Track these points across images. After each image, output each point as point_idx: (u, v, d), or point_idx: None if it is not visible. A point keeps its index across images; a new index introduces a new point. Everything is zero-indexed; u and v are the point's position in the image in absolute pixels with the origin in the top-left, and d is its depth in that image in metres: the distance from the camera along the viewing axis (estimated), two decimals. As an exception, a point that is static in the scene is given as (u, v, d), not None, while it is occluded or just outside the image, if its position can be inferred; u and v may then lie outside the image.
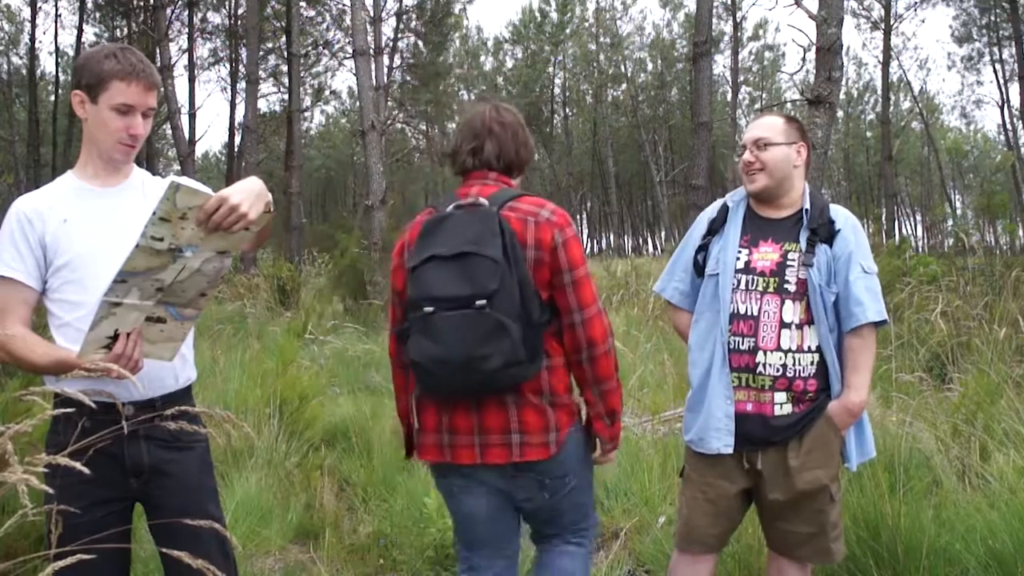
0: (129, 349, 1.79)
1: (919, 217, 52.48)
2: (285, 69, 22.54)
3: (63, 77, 25.44)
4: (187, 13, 22.27)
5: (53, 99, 27.08)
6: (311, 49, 24.80)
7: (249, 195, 1.76)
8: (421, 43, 26.89)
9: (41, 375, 1.95)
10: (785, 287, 2.25)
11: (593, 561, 3.37)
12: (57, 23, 28.78)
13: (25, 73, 28.16)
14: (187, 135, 19.08)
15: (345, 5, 21.82)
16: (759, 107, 42.56)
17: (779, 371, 2.24)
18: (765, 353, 2.24)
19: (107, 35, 24.91)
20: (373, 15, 18.88)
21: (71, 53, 24.84)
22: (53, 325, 1.93)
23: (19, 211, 1.91)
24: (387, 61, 23.42)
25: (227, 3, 24.71)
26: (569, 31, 42.52)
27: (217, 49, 26.39)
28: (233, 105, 24.60)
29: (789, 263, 2.27)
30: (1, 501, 2.86)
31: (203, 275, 1.83)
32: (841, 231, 2.28)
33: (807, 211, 2.32)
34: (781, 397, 2.25)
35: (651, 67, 43.54)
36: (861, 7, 28.98)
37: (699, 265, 2.41)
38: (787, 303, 2.25)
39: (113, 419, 1.77)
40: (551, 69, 43.94)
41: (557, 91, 44.95)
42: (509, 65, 45.71)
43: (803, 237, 2.29)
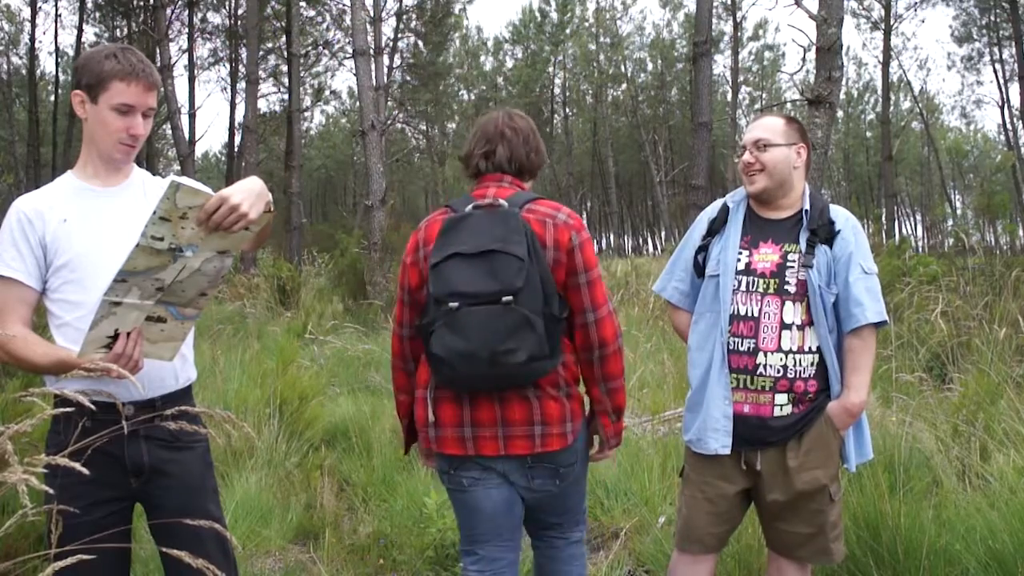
0: (129, 349, 1.79)
1: (919, 217, 52.48)
2: (285, 69, 22.54)
3: (63, 77, 25.44)
4: (187, 13, 22.26)
5: (53, 99, 27.08)
6: (311, 49, 24.79)
7: (249, 195, 1.77)
8: (421, 43, 26.90)
9: (41, 375, 1.95)
10: (785, 288, 2.25)
11: (593, 561, 3.37)
12: (57, 23, 28.86)
13: (25, 73, 28.17)
14: (187, 135, 19.07)
15: (345, 5, 21.80)
16: (759, 107, 42.54)
17: (780, 372, 2.24)
18: (766, 354, 2.24)
19: (107, 35, 24.91)
20: (373, 15, 18.88)
21: (71, 53, 24.85)
22: (53, 325, 1.93)
23: (19, 211, 1.91)
24: (387, 61, 23.43)
25: (227, 3, 24.72)
26: (569, 31, 42.47)
27: (217, 49, 26.41)
28: (233, 105, 24.60)
29: (789, 264, 2.27)
30: (1, 501, 2.86)
31: (203, 275, 1.83)
32: (841, 232, 2.28)
33: (807, 212, 2.31)
34: (782, 398, 2.25)
35: (651, 67, 43.49)
36: (861, 7, 29.00)
37: (699, 266, 2.41)
38: (787, 304, 2.25)
39: (113, 419, 1.78)
40: (551, 69, 43.91)
41: (557, 91, 44.92)
42: (509, 65, 45.68)
43: (803, 238, 2.29)
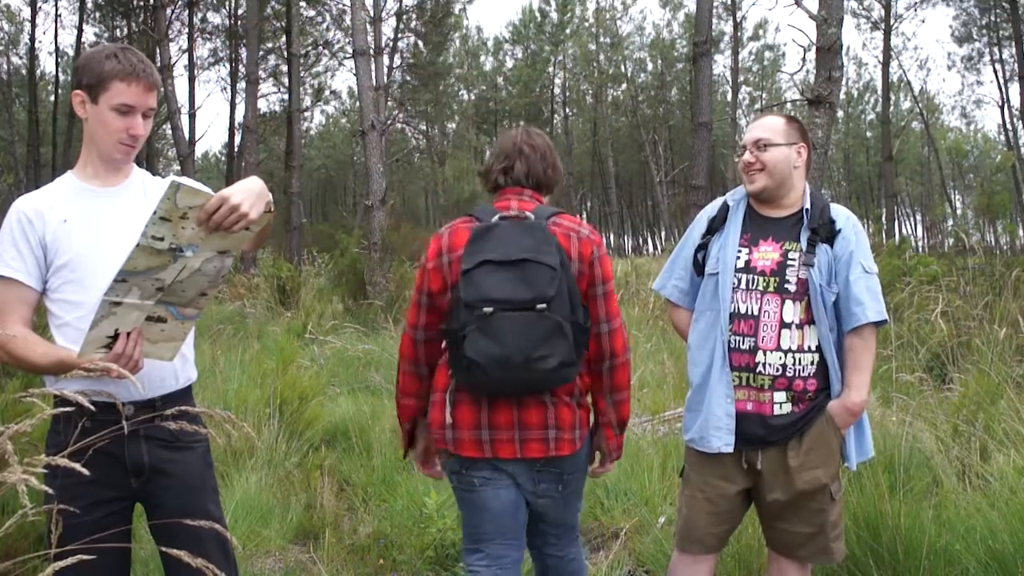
0: (129, 349, 1.79)
1: (919, 217, 52.47)
2: (285, 69, 22.53)
3: (63, 77, 25.45)
4: (187, 13, 22.25)
5: (53, 99, 27.08)
6: (311, 49, 24.78)
7: (250, 195, 1.77)
8: (421, 43, 26.90)
9: (41, 375, 1.95)
10: (785, 287, 2.25)
11: (593, 561, 3.37)
12: (57, 23, 28.90)
13: (25, 73, 28.18)
14: (187, 135, 19.07)
15: (345, 5, 21.80)
16: (759, 107, 42.55)
17: (779, 371, 2.24)
18: (765, 353, 2.24)
19: (107, 35, 24.92)
20: (373, 15, 18.88)
21: (71, 53, 24.86)
22: (53, 325, 1.93)
23: (19, 211, 1.91)
24: (387, 61, 23.43)
25: (227, 3, 24.73)
26: (569, 31, 42.50)
27: (217, 49, 26.43)
28: (233, 105, 24.61)
29: (790, 263, 2.27)
30: (1, 501, 2.86)
31: (203, 275, 1.83)
32: (842, 231, 2.28)
33: (808, 211, 2.31)
34: (781, 397, 2.25)
35: (651, 67, 43.49)
36: (861, 7, 29.02)
37: (699, 264, 2.41)
38: (787, 303, 2.25)
39: (113, 419, 1.78)
40: (551, 69, 43.94)
41: (557, 91, 44.95)
42: (509, 65, 45.72)
43: (804, 237, 2.29)
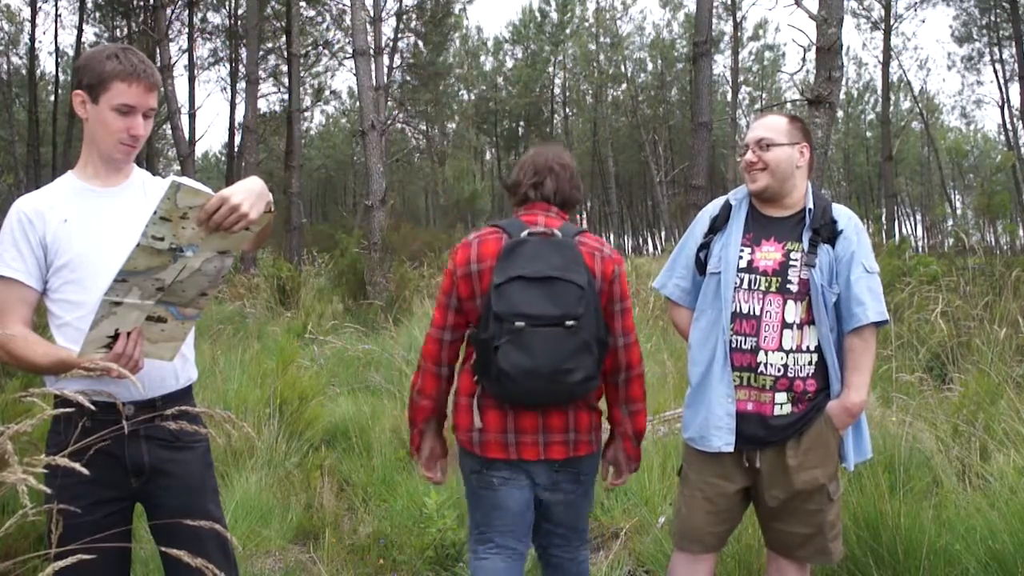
0: (129, 348, 1.79)
1: (919, 217, 52.45)
2: (285, 69, 22.51)
3: (63, 77, 25.43)
4: (187, 13, 22.23)
5: (53, 99, 27.06)
6: (311, 49, 24.77)
7: (250, 195, 1.77)
8: (421, 43, 26.89)
9: (41, 375, 1.95)
10: (787, 287, 2.25)
11: (593, 561, 3.37)
12: (57, 23, 28.91)
13: (25, 73, 28.16)
14: (187, 135, 19.05)
15: (345, 5, 21.78)
16: (759, 107, 42.53)
17: (780, 371, 2.24)
18: (767, 353, 2.24)
19: (107, 35, 24.90)
20: (373, 15, 18.87)
21: (71, 53, 24.84)
22: (53, 325, 1.93)
23: (19, 211, 1.91)
24: (387, 61, 23.40)
25: (227, 3, 24.71)
26: (569, 31, 42.47)
27: (217, 49, 26.41)
28: (233, 105, 24.59)
29: (792, 263, 2.26)
30: (1, 501, 2.86)
31: (204, 275, 1.83)
32: (844, 231, 2.28)
33: (810, 211, 2.31)
34: (782, 397, 2.25)
35: (651, 67, 43.45)
36: (861, 7, 28.99)
37: (701, 263, 2.41)
38: (789, 303, 2.25)
39: (113, 419, 1.78)
40: (551, 69, 43.91)
41: (557, 91, 44.92)
42: (509, 65, 45.68)
43: (806, 237, 2.29)
